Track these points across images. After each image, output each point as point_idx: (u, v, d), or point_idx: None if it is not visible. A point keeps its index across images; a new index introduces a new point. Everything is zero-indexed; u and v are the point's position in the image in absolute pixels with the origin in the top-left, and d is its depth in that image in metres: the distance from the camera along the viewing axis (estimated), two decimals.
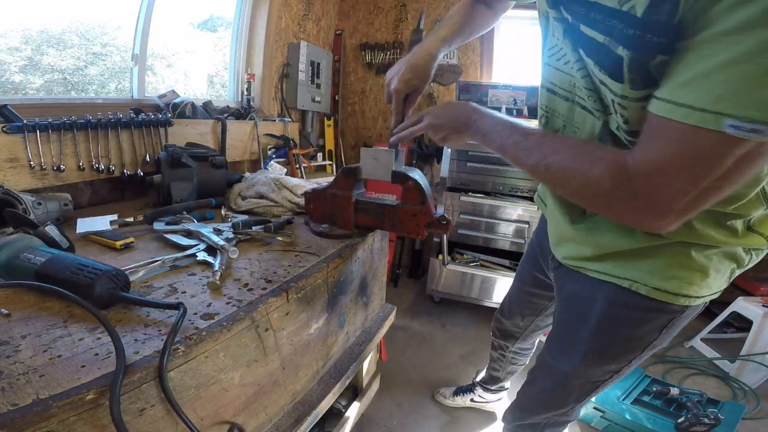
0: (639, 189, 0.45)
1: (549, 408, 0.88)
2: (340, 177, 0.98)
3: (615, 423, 1.49)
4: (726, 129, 0.35)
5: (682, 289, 0.64)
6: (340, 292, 0.93)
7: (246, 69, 2.17)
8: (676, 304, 0.65)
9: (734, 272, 0.67)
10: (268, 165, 1.90)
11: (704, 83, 0.36)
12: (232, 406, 0.64)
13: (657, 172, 0.43)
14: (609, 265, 0.69)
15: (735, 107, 0.34)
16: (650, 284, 0.65)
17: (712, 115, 0.36)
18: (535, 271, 1.01)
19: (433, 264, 2.29)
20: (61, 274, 0.61)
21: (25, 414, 0.39)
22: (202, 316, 0.61)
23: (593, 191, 0.51)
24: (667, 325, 0.68)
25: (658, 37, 0.40)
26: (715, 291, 0.67)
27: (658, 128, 0.43)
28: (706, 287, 0.65)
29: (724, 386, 1.81)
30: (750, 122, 0.34)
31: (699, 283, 0.63)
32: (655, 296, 0.65)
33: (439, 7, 2.61)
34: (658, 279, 0.64)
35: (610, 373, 0.77)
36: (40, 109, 1.21)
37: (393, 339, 2.03)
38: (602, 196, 0.50)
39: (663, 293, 0.64)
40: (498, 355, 1.33)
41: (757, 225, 0.60)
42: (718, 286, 0.66)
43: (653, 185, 0.44)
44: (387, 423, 1.50)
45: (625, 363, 0.75)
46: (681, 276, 0.63)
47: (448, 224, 0.92)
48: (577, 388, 0.81)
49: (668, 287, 0.64)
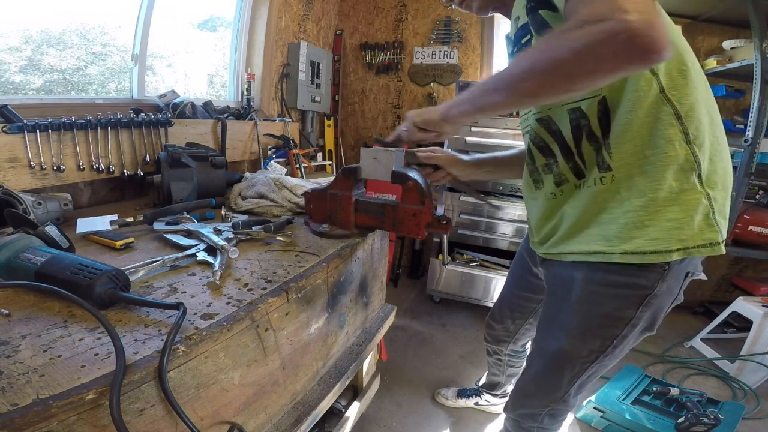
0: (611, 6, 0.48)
1: (545, 391, 0.90)
2: (340, 177, 0.98)
3: (615, 423, 1.49)
4: None
5: (648, 246, 0.67)
6: (340, 292, 0.93)
7: (246, 69, 2.17)
8: (651, 265, 0.68)
9: (714, 217, 0.68)
10: (268, 165, 1.90)
11: None
12: (232, 406, 0.64)
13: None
14: (577, 242, 0.75)
15: None
16: (618, 250, 0.69)
17: None
18: (525, 273, 1.04)
19: (433, 264, 2.29)
20: (61, 274, 0.61)
21: (25, 414, 0.39)
22: (202, 316, 0.61)
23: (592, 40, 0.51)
24: (643, 302, 0.72)
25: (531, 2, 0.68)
26: (698, 244, 0.67)
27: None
28: (676, 240, 0.66)
29: (724, 386, 1.81)
30: None
31: (661, 237, 0.67)
32: (629, 260, 0.69)
33: (439, 8, 2.62)
34: (623, 243, 0.69)
35: (596, 352, 0.79)
36: (40, 109, 1.21)
37: (393, 339, 2.03)
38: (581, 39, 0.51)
39: (633, 255, 0.68)
40: (494, 360, 1.34)
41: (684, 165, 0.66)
42: (699, 237, 0.67)
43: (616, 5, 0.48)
44: (387, 423, 1.50)
45: (608, 342, 0.77)
46: (640, 234, 0.68)
47: (448, 224, 0.92)
48: (568, 369, 0.84)
49: (635, 248, 0.68)
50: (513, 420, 1.00)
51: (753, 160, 1.90)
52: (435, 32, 2.65)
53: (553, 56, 0.54)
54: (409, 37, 2.72)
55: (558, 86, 0.57)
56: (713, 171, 0.68)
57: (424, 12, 2.66)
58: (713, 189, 0.68)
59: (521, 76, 0.59)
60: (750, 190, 2.07)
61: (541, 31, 0.67)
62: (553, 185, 0.79)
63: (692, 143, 0.65)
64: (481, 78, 2.62)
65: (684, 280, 0.73)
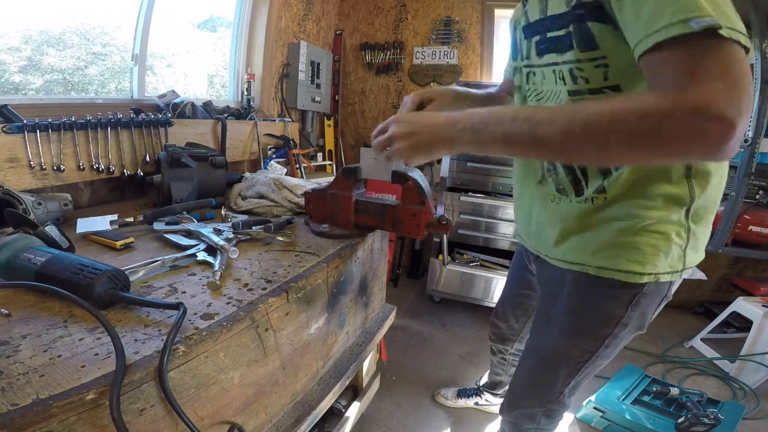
0: (696, 98, 0.44)
1: (540, 391, 0.90)
2: (340, 177, 0.98)
3: (615, 423, 1.49)
4: (694, 24, 0.44)
5: (624, 266, 0.68)
6: (340, 292, 0.93)
7: (246, 69, 2.17)
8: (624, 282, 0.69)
9: (685, 250, 0.69)
10: (268, 165, 1.90)
11: (657, 13, 0.48)
12: (232, 406, 0.64)
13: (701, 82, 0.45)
14: (562, 250, 0.76)
15: (686, 14, 0.45)
16: (595, 264, 0.71)
17: (684, 23, 0.45)
18: (524, 272, 1.04)
19: (433, 264, 2.29)
20: (61, 274, 0.61)
21: (25, 414, 0.39)
22: (202, 316, 0.61)
23: (655, 120, 0.46)
24: (632, 301, 0.72)
25: (581, 9, 0.59)
26: (668, 270, 0.69)
27: (661, 61, 0.49)
28: (651, 265, 0.68)
29: (724, 386, 1.81)
30: (699, 18, 0.44)
31: (640, 260, 0.68)
32: (602, 275, 0.71)
33: (439, 8, 2.62)
34: (600, 258, 0.70)
35: (588, 352, 0.80)
36: (40, 109, 1.21)
37: (393, 339, 2.03)
38: (668, 120, 0.46)
39: (608, 271, 0.70)
40: (498, 359, 1.34)
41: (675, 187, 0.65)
42: (668, 265, 0.69)
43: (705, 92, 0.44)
44: (387, 423, 1.50)
45: (600, 341, 0.78)
46: (619, 254, 0.69)
47: (448, 224, 0.92)
48: (562, 368, 0.84)
49: (611, 266, 0.69)
50: (510, 422, 1.00)
51: (753, 160, 1.90)
52: (435, 32, 2.65)
53: (619, 118, 0.48)
54: (409, 37, 2.72)
55: (601, 148, 0.51)
56: (704, 206, 0.67)
57: (424, 12, 2.66)
58: (697, 224, 0.68)
59: (563, 127, 0.52)
60: (750, 190, 2.06)
61: (584, 47, 0.61)
62: (555, 190, 0.77)
63: (692, 177, 0.64)
64: (480, 78, 2.62)
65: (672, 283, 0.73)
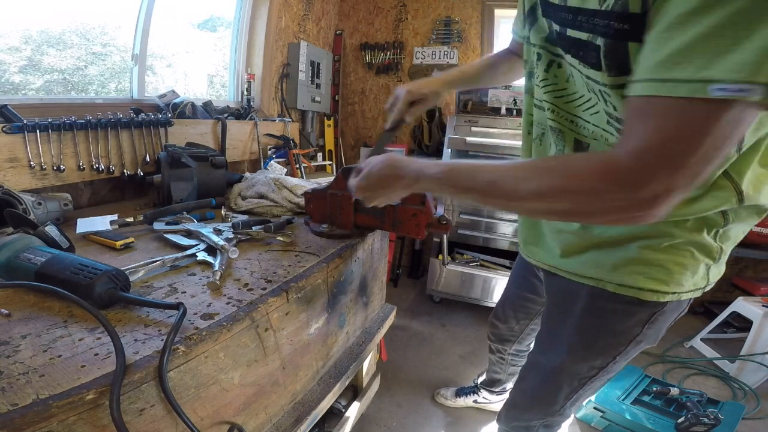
0: (635, 177, 0.42)
1: (540, 405, 0.88)
2: (340, 177, 0.98)
3: (615, 423, 1.49)
4: (713, 93, 0.36)
5: (647, 284, 0.64)
6: (340, 292, 0.93)
7: (246, 69, 2.17)
8: (645, 300, 0.65)
9: (710, 268, 0.65)
10: (268, 165, 1.90)
11: (684, 56, 0.38)
12: (232, 406, 0.64)
13: (652, 152, 0.41)
14: (574, 262, 0.71)
15: (719, 72, 0.36)
16: (615, 281, 0.66)
17: (699, 84, 0.37)
18: (527, 274, 1.01)
19: (433, 264, 2.29)
20: (61, 274, 0.61)
21: (25, 414, 0.39)
22: (202, 316, 0.61)
23: (584, 204, 0.47)
24: (650, 320, 0.68)
25: (622, 24, 0.45)
26: (691, 289, 0.65)
27: (643, 110, 0.42)
28: (675, 283, 0.64)
29: (724, 386, 1.81)
30: (734, 83, 0.35)
31: (664, 279, 0.63)
32: (621, 292, 0.66)
33: (439, 8, 2.62)
34: (621, 275, 0.65)
35: (596, 369, 0.77)
36: (40, 109, 1.21)
37: (393, 339, 2.03)
38: (595, 202, 0.46)
39: (628, 288, 0.65)
40: (497, 358, 1.33)
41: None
42: (692, 284, 0.65)
43: (651, 167, 0.41)
44: (387, 423, 1.50)
45: (610, 358, 0.75)
46: (641, 271, 0.64)
47: (448, 224, 0.92)
48: (566, 384, 0.81)
49: (632, 282, 0.65)
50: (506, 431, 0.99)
51: None
52: (435, 32, 2.65)
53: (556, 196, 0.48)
54: (409, 37, 2.72)
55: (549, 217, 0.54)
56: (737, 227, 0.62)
57: (424, 12, 2.66)
58: (725, 243, 0.63)
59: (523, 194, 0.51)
60: None
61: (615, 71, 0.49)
62: None
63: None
64: None
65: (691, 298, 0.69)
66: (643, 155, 0.42)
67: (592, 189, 0.45)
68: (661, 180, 0.41)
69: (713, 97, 0.36)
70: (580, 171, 0.47)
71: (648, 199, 0.42)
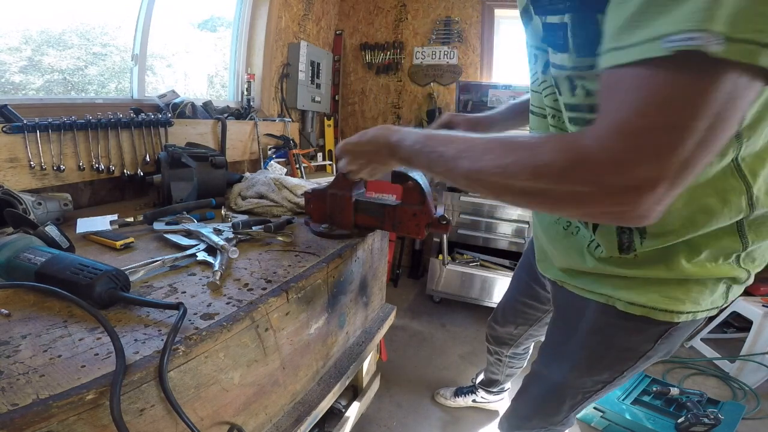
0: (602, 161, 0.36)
1: (543, 415, 0.87)
2: (340, 177, 0.98)
3: (615, 423, 1.49)
4: (663, 46, 0.32)
5: (660, 304, 0.59)
6: (340, 292, 0.93)
7: (246, 69, 2.17)
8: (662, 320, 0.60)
9: (731, 288, 0.60)
10: (268, 165, 1.90)
11: (641, 17, 0.34)
12: (232, 406, 0.64)
13: (624, 132, 0.34)
14: (585, 279, 0.67)
15: (670, 26, 0.32)
16: (625, 299, 0.61)
17: (654, 42, 0.32)
18: (530, 280, 0.99)
19: (433, 264, 2.29)
20: (61, 274, 0.61)
21: (25, 414, 0.39)
22: (202, 316, 0.61)
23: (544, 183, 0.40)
24: (663, 335, 0.63)
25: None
26: (708, 308, 0.60)
27: (610, 83, 0.37)
28: (692, 302, 0.58)
29: (724, 386, 1.81)
30: (681, 33, 0.31)
31: (680, 298, 0.58)
32: (632, 311, 0.61)
33: (439, 8, 2.62)
34: (633, 293, 0.60)
35: (602, 383, 0.74)
36: (40, 109, 1.21)
37: (393, 339, 2.03)
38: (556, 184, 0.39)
39: (640, 308, 0.60)
40: (495, 360, 1.33)
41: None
42: (710, 302, 0.60)
43: (620, 150, 0.35)
44: (387, 423, 1.50)
45: (617, 374, 0.71)
46: (657, 289, 0.58)
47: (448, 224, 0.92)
48: (569, 398, 0.80)
49: (644, 301, 0.59)
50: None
51: None
52: (435, 32, 2.65)
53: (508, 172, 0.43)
54: (409, 37, 2.72)
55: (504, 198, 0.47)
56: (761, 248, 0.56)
57: (424, 12, 2.66)
58: (750, 265, 0.58)
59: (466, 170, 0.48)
60: None
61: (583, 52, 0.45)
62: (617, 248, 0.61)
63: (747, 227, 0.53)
64: (480, 78, 2.62)
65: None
66: (610, 136, 0.35)
67: (556, 169, 0.39)
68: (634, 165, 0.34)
69: (665, 54, 0.31)
70: (548, 148, 0.41)
71: (623, 189, 0.35)
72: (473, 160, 0.47)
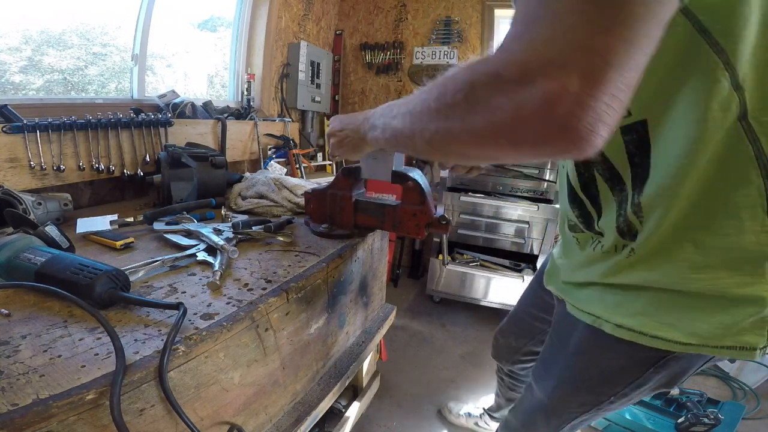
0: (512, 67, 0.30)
1: (530, 430, 0.86)
2: (340, 177, 0.98)
3: (615, 423, 1.49)
4: None
5: (649, 329, 0.52)
6: (340, 292, 0.93)
7: (246, 69, 2.17)
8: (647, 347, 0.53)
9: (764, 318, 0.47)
10: (268, 165, 1.90)
11: None
12: (232, 406, 0.64)
13: (518, 37, 0.31)
14: (580, 295, 0.65)
15: None
16: (613, 321, 0.56)
17: None
18: (542, 291, 0.95)
19: (433, 264, 2.29)
20: (61, 274, 0.61)
21: (25, 414, 0.39)
22: (202, 316, 0.61)
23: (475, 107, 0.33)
24: (657, 363, 0.56)
25: None
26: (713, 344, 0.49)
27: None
28: (693, 334, 0.49)
29: (724, 386, 1.81)
30: None
31: (676, 325, 0.50)
32: (619, 335, 0.55)
33: (439, 8, 2.61)
34: (622, 315, 0.55)
35: (588, 405, 0.70)
36: (40, 109, 1.21)
37: (393, 339, 2.03)
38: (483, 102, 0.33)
39: (628, 332, 0.54)
40: (497, 378, 1.29)
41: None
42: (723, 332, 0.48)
43: (521, 52, 0.30)
44: (387, 423, 1.50)
45: (604, 398, 0.66)
46: (650, 312, 0.52)
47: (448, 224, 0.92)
48: (555, 417, 0.77)
49: (632, 325, 0.53)
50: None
51: None
52: (435, 32, 2.65)
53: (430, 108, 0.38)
54: (409, 37, 2.72)
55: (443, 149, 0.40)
56: None
57: (424, 12, 2.66)
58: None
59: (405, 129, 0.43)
60: None
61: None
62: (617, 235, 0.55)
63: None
64: None
65: None
66: (507, 47, 0.31)
67: (475, 85, 0.34)
68: (537, 64, 0.28)
69: None
70: (471, 71, 0.35)
71: (541, 98, 0.28)
72: (413, 110, 0.42)
